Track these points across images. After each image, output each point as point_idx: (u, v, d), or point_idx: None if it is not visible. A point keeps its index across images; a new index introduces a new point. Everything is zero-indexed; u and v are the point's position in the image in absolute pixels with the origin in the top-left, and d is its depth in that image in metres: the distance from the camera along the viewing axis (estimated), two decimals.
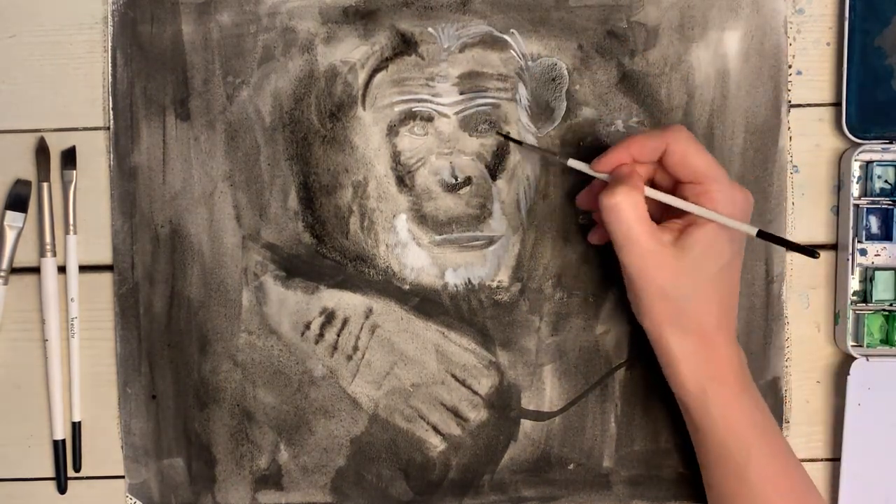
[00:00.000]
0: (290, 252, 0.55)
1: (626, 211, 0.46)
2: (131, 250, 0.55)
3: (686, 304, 0.47)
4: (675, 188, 0.48)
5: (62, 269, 0.55)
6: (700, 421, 0.49)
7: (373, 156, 0.54)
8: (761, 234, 0.46)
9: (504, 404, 0.55)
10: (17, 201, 0.55)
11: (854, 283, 0.55)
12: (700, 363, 0.48)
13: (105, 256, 0.55)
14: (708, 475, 0.50)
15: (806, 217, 0.55)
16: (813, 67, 0.55)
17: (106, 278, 0.56)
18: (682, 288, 0.47)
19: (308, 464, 0.56)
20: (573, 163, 0.50)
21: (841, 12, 0.54)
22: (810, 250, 0.45)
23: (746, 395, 0.49)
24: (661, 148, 0.47)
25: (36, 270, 0.55)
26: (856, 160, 0.54)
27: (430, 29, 0.54)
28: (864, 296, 0.55)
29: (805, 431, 0.56)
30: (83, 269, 0.55)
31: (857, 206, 0.54)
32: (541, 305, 0.55)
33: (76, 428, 0.56)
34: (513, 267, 0.55)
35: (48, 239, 0.55)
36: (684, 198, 0.47)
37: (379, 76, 0.54)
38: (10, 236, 0.55)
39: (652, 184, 0.50)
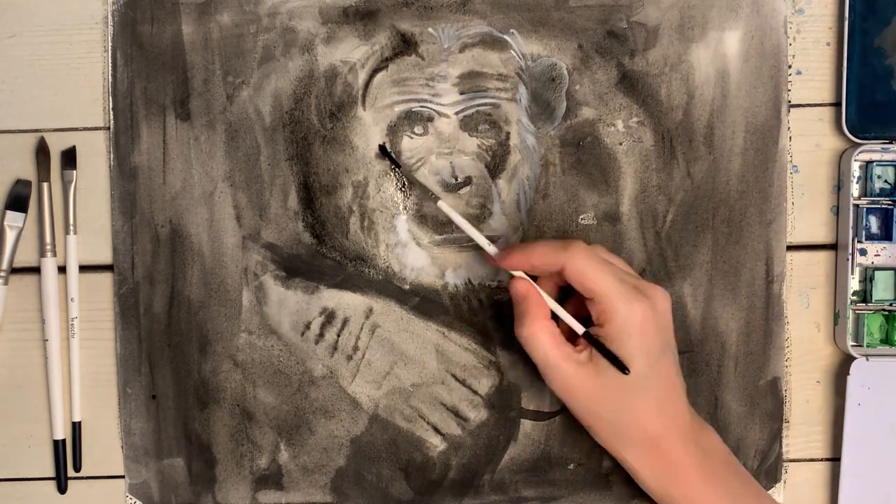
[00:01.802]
0: (290, 252, 0.55)
1: (543, 340, 0.47)
2: (131, 250, 0.55)
3: (620, 418, 0.47)
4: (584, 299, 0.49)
5: (62, 269, 0.55)
6: None
7: (373, 156, 0.54)
8: (586, 335, 0.48)
9: (504, 404, 0.55)
10: (17, 201, 0.55)
11: (854, 283, 0.55)
12: (657, 469, 0.48)
13: (105, 256, 0.55)
14: None
15: (806, 217, 0.55)
16: (813, 67, 0.55)
17: (106, 278, 0.56)
18: (609, 405, 0.47)
19: (308, 464, 0.56)
20: (445, 208, 0.51)
21: (841, 12, 0.54)
22: (622, 365, 0.46)
23: (714, 486, 0.48)
24: (559, 265, 0.47)
25: (36, 270, 0.55)
26: (856, 160, 0.54)
27: (430, 29, 0.54)
28: (864, 296, 0.55)
29: (805, 431, 0.56)
30: (83, 269, 0.55)
31: (856, 206, 0.54)
32: None
33: (76, 428, 0.56)
34: None
35: (48, 239, 0.55)
36: (589, 313, 0.48)
37: (379, 76, 0.54)
38: (10, 236, 0.55)
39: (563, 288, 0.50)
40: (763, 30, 0.54)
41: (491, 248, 0.50)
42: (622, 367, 0.46)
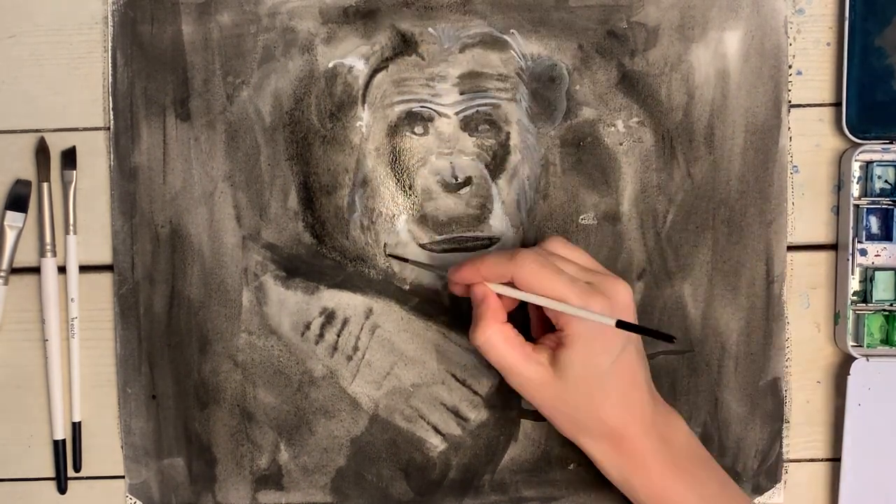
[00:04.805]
0: (290, 252, 0.55)
1: (497, 345, 0.47)
2: (131, 250, 0.55)
3: (582, 414, 0.48)
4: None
5: (62, 269, 0.55)
6: None
7: (373, 156, 0.54)
8: (620, 325, 0.45)
9: (504, 404, 0.55)
10: (17, 201, 0.55)
11: (854, 283, 0.55)
12: (618, 461, 0.49)
13: (105, 256, 0.55)
14: None
15: (806, 217, 0.55)
16: (813, 67, 0.55)
17: (106, 278, 0.56)
18: (571, 403, 0.47)
19: (308, 464, 0.56)
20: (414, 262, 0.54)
21: (841, 12, 0.54)
22: (666, 335, 0.44)
23: (677, 477, 0.48)
24: (507, 276, 0.47)
25: (36, 270, 0.55)
26: (856, 160, 0.54)
27: (430, 29, 0.54)
28: (865, 296, 0.55)
29: (805, 431, 0.56)
30: (83, 269, 0.55)
31: (857, 206, 0.54)
32: None
33: (76, 428, 0.56)
34: None
35: (48, 239, 0.55)
36: (547, 317, 0.48)
37: (379, 76, 0.54)
38: (10, 236, 0.55)
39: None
40: (763, 30, 0.54)
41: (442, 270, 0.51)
42: (667, 338, 0.44)
